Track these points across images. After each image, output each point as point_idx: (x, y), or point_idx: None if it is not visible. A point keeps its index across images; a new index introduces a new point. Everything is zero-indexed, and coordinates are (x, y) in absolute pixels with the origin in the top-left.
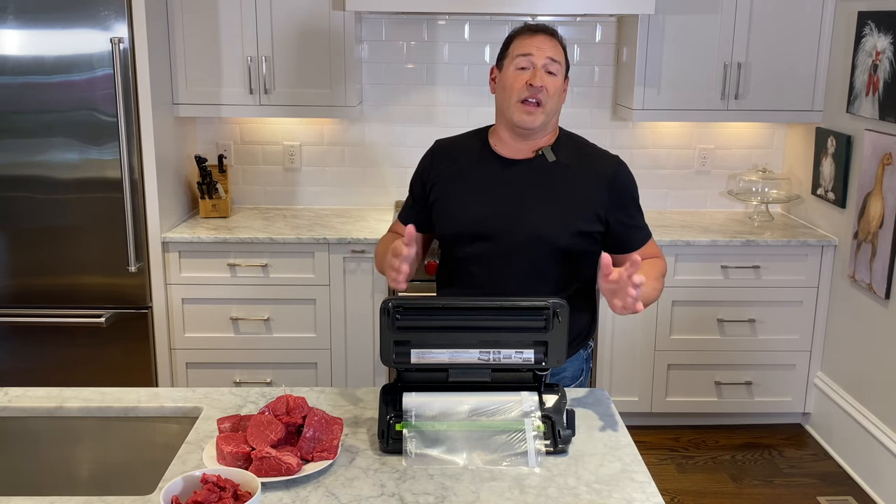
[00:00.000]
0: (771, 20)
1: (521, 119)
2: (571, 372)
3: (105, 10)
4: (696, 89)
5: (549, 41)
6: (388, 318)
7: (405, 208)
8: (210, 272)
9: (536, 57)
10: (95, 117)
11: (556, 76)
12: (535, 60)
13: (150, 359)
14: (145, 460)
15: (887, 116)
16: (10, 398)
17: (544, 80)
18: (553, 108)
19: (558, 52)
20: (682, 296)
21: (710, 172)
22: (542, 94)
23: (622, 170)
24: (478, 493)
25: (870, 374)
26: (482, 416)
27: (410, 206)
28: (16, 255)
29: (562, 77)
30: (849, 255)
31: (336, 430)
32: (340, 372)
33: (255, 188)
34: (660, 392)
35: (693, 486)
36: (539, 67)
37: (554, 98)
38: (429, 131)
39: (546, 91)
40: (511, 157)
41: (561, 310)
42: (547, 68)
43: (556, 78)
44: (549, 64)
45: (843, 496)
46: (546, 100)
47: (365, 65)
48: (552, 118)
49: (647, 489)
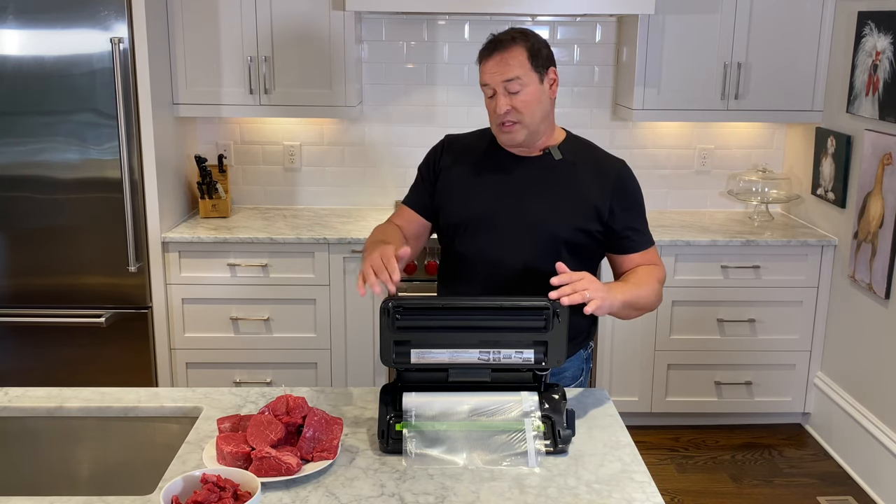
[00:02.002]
0: (771, 20)
1: (504, 140)
2: (571, 372)
3: (105, 10)
4: (695, 89)
5: (501, 61)
6: (388, 318)
7: (413, 188)
8: (210, 272)
9: (493, 83)
10: (95, 117)
11: (522, 90)
12: (495, 87)
13: (150, 359)
14: (145, 460)
15: (887, 116)
16: (10, 398)
17: (510, 101)
18: (533, 118)
19: (513, 68)
20: (682, 296)
21: (710, 172)
22: (513, 115)
23: (626, 172)
24: (478, 493)
25: (870, 374)
26: (482, 416)
27: (419, 186)
28: (16, 255)
29: (533, 84)
30: (849, 255)
31: (336, 430)
32: (340, 372)
33: (255, 188)
34: (660, 392)
35: (693, 486)
36: (499, 94)
37: (529, 110)
38: (429, 131)
39: (515, 111)
40: (518, 154)
41: (561, 310)
42: (508, 89)
43: (523, 92)
44: (507, 85)
45: (843, 496)
46: (520, 116)
47: (365, 65)
48: (539, 125)
49: (647, 489)
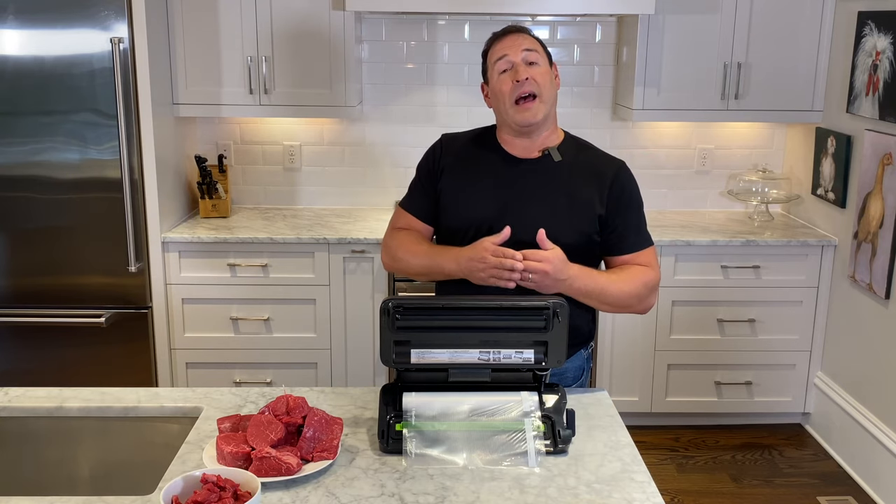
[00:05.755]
0: (771, 20)
1: (522, 118)
2: (572, 372)
3: (105, 10)
4: (695, 89)
5: (518, 37)
6: (388, 318)
7: (412, 193)
8: (210, 272)
9: (512, 54)
10: (95, 117)
11: (539, 64)
12: (513, 58)
13: (150, 359)
14: (145, 460)
15: (887, 116)
16: (10, 398)
17: (529, 71)
18: (549, 95)
19: (532, 42)
20: (682, 296)
21: (710, 172)
22: (532, 85)
23: (625, 173)
24: (478, 493)
25: (870, 374)
26: (482, 416)
27: (419, 190)
28: (16, 255)
29: (546, 64)
30: (849, 255)
31: (336, 430)
32: (340, 372)
33: (255, 188)
34: (660, 392)
35: (693, 486)
36: (519, 62)
37: (546, 85)
38: (429, 131)
39: (535, 81)
40: (518, 156)
41: (561, 310)
42: (527, 60)
43: (540, 66)
44: (527, 55)
45: (843, 496)
46: (539, 89)
47: (365, 65)
48: (552, 107)
49: (647, 489)
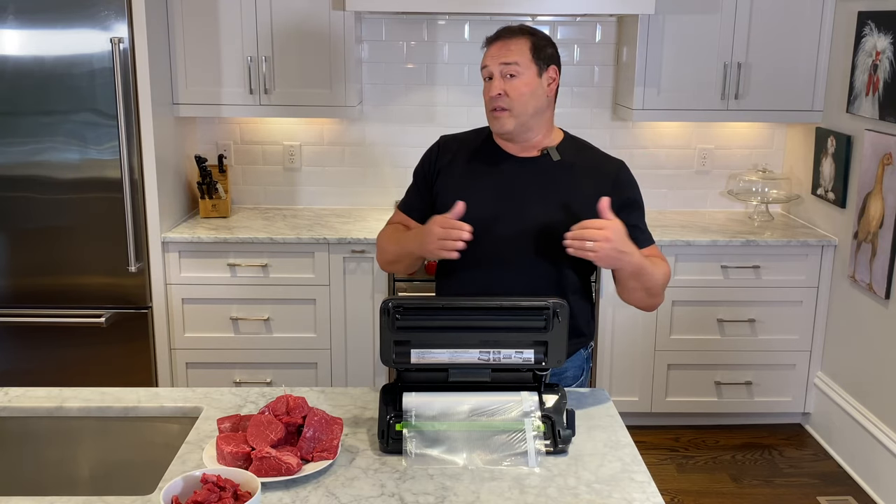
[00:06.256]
0: (771, 20)
1: (494, 126)
2: (572, 372)
3: (105, 10)
4: (695, 89)
5: (503, 46)
6: (388, 318)
7: (408, 194)
8: (210, 272)
9: (491, 66)
10: (95, 117)
11: (518, 76)
12: (492, 70)
13: (150, 359)
14: (145, 460)
15: (887, 116)
16: (10, 398)
17: (502, 87)
18: (524, 108)
19: (514, 54)
20: (682, 296)
21: (710, 172)
22: (503, 101)
23: (624, 173)
24: (478, 493)
25: (870, 374)
26: (482, 416)
27: (415, 192)
28: (16, 255)
29: (530, 74)
30: (849, 255)
31: (336, 430)
32: (340, 372)
33: (255, 188)
34: (660, 392)
35: (693, 486)
36: (496, 76)
37: (521, 99)
38: (429, 131)
39: (506, 96)
40: (516, 155)
41: (561, 310)
42: (505, 73)
43: (519, 79)
44: (504, 69)
45: (843, 496)
46: (510, 104)
47: (365, 65)
48: (532, 118)
49: (647, 489)
